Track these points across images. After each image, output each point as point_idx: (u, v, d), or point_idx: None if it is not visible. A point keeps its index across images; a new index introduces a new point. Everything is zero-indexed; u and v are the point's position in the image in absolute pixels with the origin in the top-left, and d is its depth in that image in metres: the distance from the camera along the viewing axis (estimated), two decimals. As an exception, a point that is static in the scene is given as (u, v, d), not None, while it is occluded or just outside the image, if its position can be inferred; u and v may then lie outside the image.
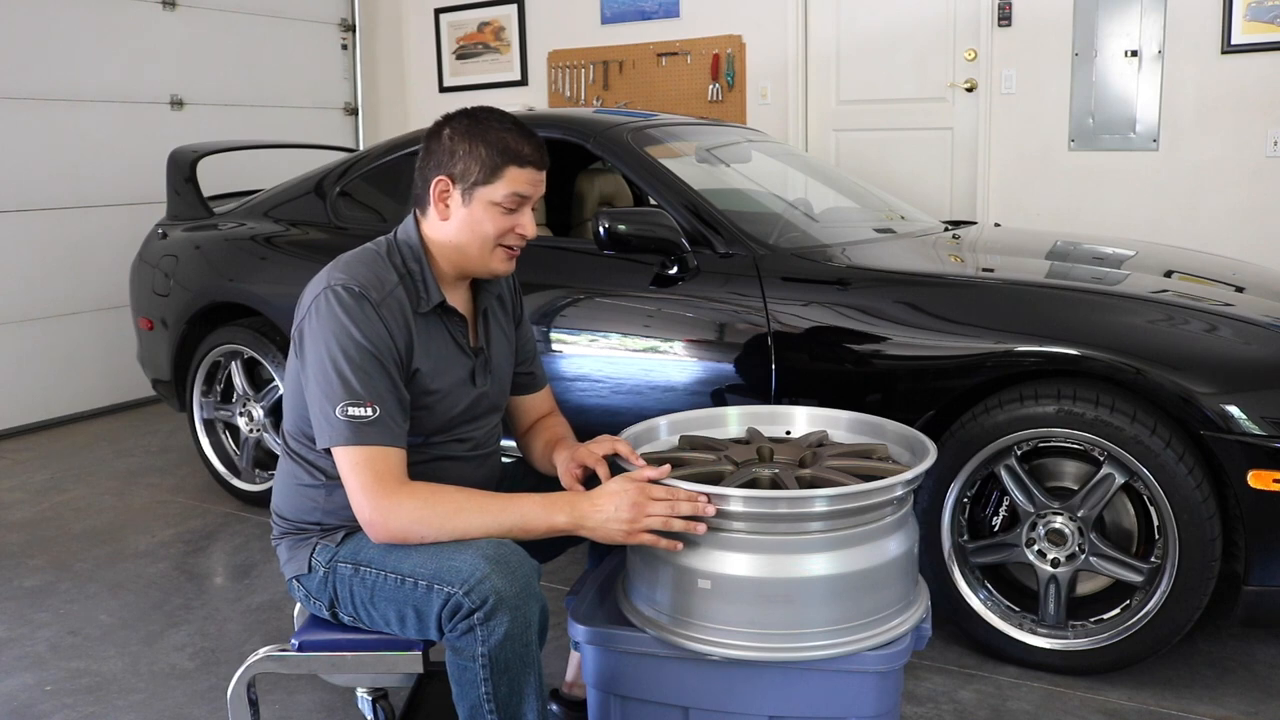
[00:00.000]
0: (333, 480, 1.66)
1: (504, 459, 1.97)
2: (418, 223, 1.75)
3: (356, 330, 1.59)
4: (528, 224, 1.72)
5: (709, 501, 1.54)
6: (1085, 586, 2.34)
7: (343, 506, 1.64)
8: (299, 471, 1.73)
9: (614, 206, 3.58)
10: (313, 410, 1.63)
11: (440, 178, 1.71)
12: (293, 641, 1.72)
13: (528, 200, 1.71)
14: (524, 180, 1.69)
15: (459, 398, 1.75)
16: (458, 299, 1.78)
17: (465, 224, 1.71)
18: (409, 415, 1.66)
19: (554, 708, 1.99)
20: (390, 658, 1.68)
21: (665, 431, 1.92)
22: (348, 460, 1.58)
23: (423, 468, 1.69)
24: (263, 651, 1.71)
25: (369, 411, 1.57)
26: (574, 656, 1.99)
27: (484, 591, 1.48)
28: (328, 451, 1.62)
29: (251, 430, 3.47)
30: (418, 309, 1.69)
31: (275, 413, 3.40)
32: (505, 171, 1.68)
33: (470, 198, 1.70)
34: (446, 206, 1.71)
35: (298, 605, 1.86)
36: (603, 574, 1.87)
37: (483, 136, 1.69)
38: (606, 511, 1.57)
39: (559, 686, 2.04)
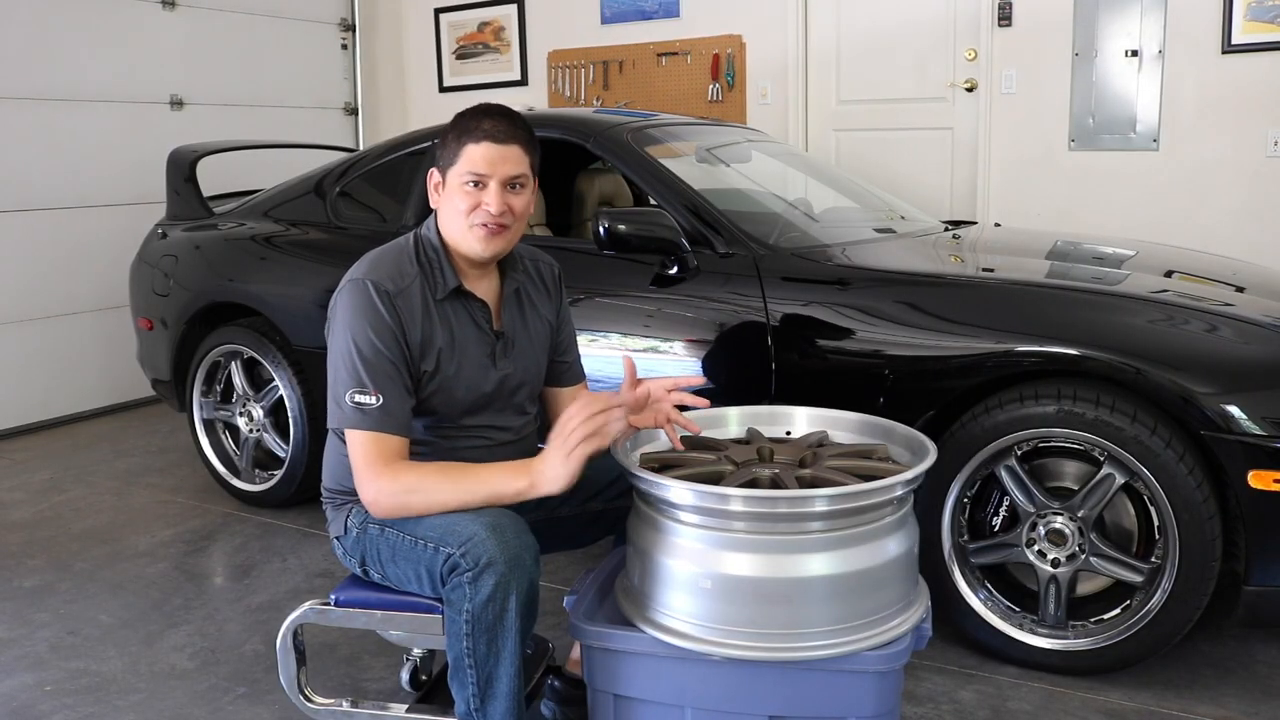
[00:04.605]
0: None
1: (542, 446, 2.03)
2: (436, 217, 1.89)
3: (369, 325, 1.74)
4: (491, 200, 1.78)
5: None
6: (1085, 587, 2.34)
7: None
8: (341, 445, 1.85)
9: (614, 206, 3.58)
10: (330, 393, 1.79)
11: (432, 170, 1.86)
12: (332, 597, 1.88)
13: (486, 177, 1.78)
14: (478, 156, 1.77)
15: (480, 379, 1.86)
16: (481, 286, 1.89)
17: (446, 207, 1.83)
18: (412, 406, 1.78)
19: (555, 683, 2.02)
20: (414, 618, 1.81)
21: (665, 431, 1.92)
22: (352, 442, 1.74)
23: (450, 456, 1.82)
24: (308, 605, 1.88)
25: (374, 400, 1.72)
26: None
27: (477, 553, 1.62)
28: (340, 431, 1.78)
29: (251, 430, 3.46)
30: (436, 296, 1.82)
31: (275, 413, 3.40)
32: (463, 150, 1.79)
33: (445, 182, 1.83)
34: (437, 195, 1.85)
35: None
36: (603, 574, 1.87)
37: (454, 124, 1.83)
38: (547, 457, 1.67)
39: (562, 664, 2.08)
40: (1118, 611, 2.25)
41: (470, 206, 1.79)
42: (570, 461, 1.64)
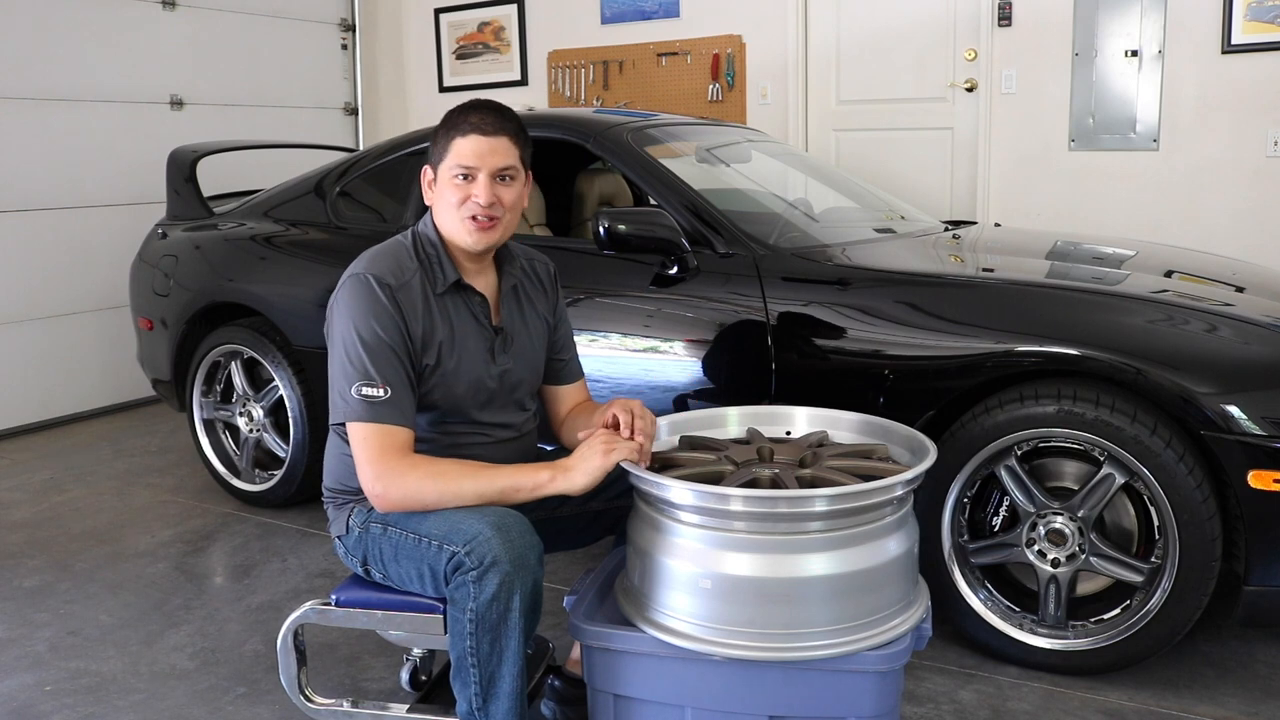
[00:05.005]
0: None
1: (541, 446, 2.07)
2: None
3: (373, 318, 1.74)
4: (480, 192, 1.80)
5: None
6: (1085, 586, 2.34)
7: None
8: (342, 444, 1.86)
9: (614, 206, 3.58)
10: (332, 388, 1.79)
11: (425, 166, 1.90)
12: (332, 597, 1.87)
13: (475, 170, 1.80)
14: (466, 149, 1.79)
15: (480, 373, 1.86)
16: (480, 281, 1.90)
17: (438, 202, 1.86)
18: (416, 399, 1.79)
19: (555, 683, 2.02)
20: (415, 618, 1.81)
21: (665, 431, 1.92)
22: (359, 435, 1.73)
23: (451, 452, 1.82)
24: (308, 605, 1.87)
25: (381, 392, 1.72)
26: None
27: (481, 552, 1.62)
28: (343, 425, 1.77)
29: (251, 430, 3.46)
30: (436, 290, 1.83)
31: (275, 413, 3.40)
32: (451, 144, 1.81)
33: (437, 177, 1.86)
34: (430, 191, 1.88)
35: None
36: (603, 574, 1.87)
37: (444, 120, 1.86)
38: (583, 453, 1.72)
39: (562, 664, 2.08)
40: (1118, 611, 2.25)
41: (460, 199, 1.81)
42: (608, 458, 1.68)
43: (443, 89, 6.32)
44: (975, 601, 2.34)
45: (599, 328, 2.73)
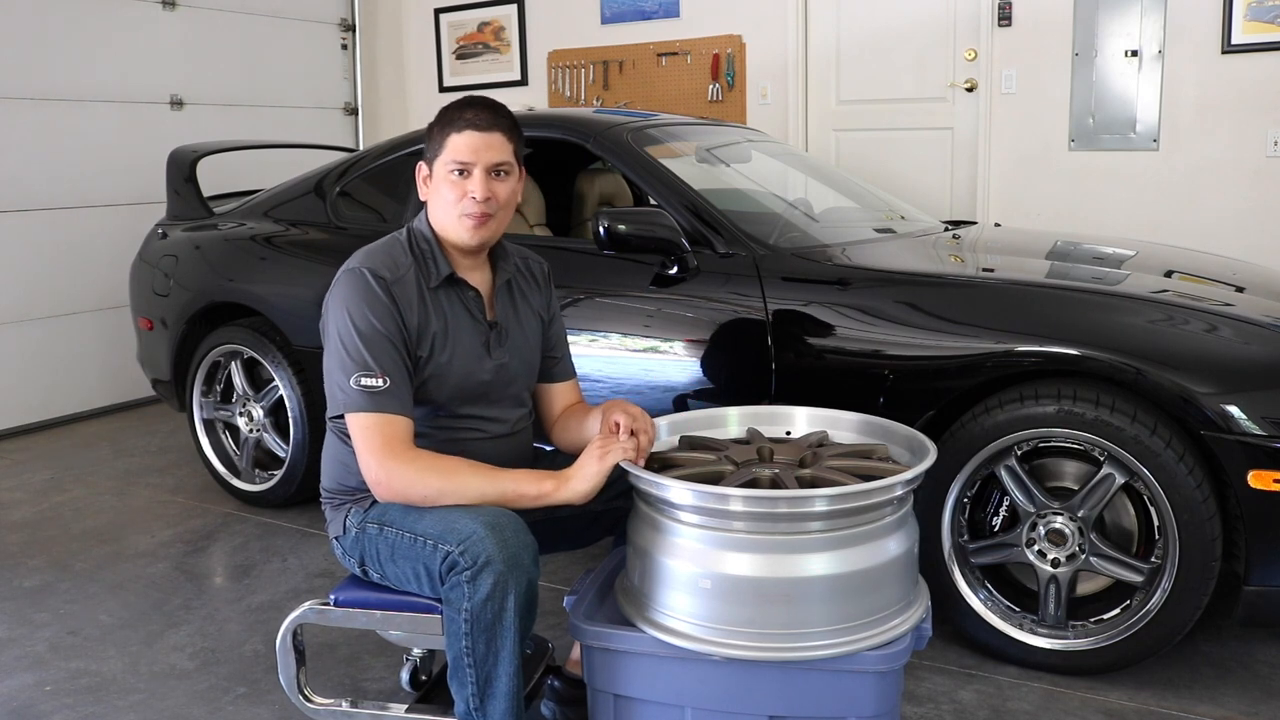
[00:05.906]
0: None
1: (539, 446, 2.08)
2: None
3: (369, 309, 1.76)
4: (476, 187, 1.81)
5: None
6: (1085, 586, 2.34)
7: None
8: (339, 443, 1.89)
9: (614, 206, 3.58)
10: (329, 381, 1.79)
11: (420, 163, 1.90)
12: (331, 597, 1.88)
13: (470, 165, 1.81)
14: (462, 145, 1.81)
15: (475, 366, 1.87)
16: (474, 276, 1.91)
17: (434, 198, 1.87)
18: (413, 389, 1.80)
19: (555, 683, 2.02)
20: (414, 618, 1.81)
21: (665, 431, 1.92)
22: (359, 425, 1.74)
23: (446, 447, 1.82)
24: (307, 605, 1.88)
25: (380, 382, 1.73)
26: None
27: (475, 552, 1.62)
28: (342, 418, 1.78)
29: (251, 430, 3.46)
30: (430, 284, 1.84)
31: (275, 413, 3.40)
32: (446, 141, 1.83)
33: (433, 173, 1.86)
34: (426, 187, 1.89)
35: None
36: (603, 574, 1.87)
37: (439, 116, 1.87)
38: (580, 461, 1.73)
39: (562, 664, 2.08)
40: (1118, 611, 2.25)
41: (457, 196, 1.82)
42: (604, 461, 1.68)
43: (443, 89, 6.32)
44: (975, 601, 2.34)
45: (599, 328, 2.73)
